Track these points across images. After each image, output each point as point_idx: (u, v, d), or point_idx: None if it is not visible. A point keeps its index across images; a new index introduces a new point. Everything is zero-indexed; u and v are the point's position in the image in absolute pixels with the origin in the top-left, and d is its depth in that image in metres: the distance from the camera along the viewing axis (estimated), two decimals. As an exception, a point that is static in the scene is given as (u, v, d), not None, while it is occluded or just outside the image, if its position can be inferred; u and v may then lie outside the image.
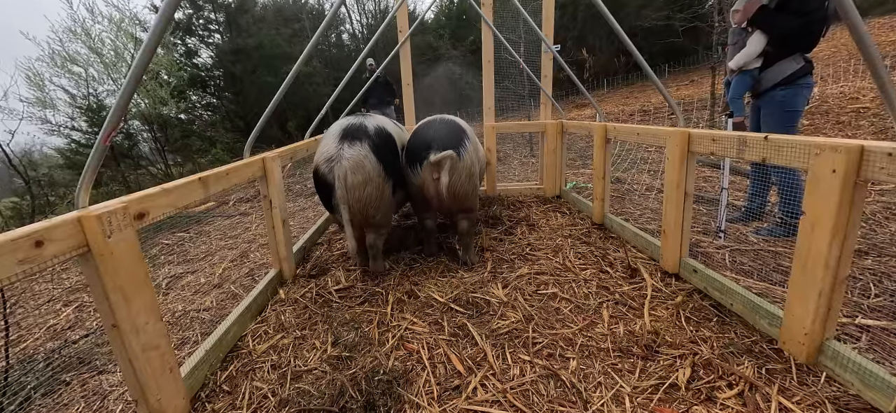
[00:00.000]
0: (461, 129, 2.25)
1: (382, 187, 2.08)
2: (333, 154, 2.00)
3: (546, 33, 3.40)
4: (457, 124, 2.27)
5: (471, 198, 2.23)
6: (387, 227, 2.32)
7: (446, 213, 2.37)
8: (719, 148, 1.70)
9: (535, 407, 1.29)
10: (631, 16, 16.82)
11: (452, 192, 2.09)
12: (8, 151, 7.39)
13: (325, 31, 2.05)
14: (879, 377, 1.15)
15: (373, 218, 2.14)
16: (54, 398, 1.59)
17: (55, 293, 2.74)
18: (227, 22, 15.49)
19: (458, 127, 2.25)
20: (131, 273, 1.16)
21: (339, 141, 2.03)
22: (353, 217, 2.04)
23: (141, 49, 1.09)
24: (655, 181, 4.06)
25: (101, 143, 1.10)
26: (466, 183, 2.14)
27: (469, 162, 2.14)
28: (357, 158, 1.99)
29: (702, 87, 11.24)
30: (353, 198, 2.00)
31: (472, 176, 2.17)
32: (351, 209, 2.01)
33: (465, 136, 2.19)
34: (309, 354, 1.64)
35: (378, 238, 2.28)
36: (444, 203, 2.14)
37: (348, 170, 1.96)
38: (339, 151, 1.99)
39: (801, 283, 1.31)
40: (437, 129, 2.18)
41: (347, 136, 2.05)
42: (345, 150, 1.99)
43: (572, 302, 1.88)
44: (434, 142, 2.08)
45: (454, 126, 2.24)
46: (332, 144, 2.04)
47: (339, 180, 1.95)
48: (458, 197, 2.15)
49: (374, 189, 2.05)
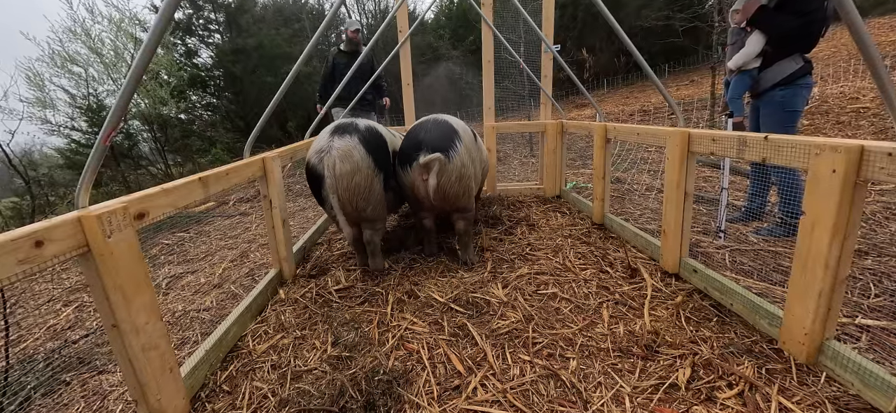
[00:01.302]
0: (453, 130, 2.21)
1: (371, 178, 2.11)
2: (324, 146, 2.05)
3: (546, 33, 3.40)
4: (449, 125, 2.24)
5: (462, 198, 2.22)
6: (381, 222, 2.33)
7: (438, 213, 2.40)
8: (719, 148, 1.70)
9: (535, 407, 1.29)
10: (631, 16, 16.82)
11: (441, 193, 2.11)
12: (8, 151, 7.39)
13: (325, 31, 2.05)
14: (879, 377, 1.15)
15: (364, 210, 2.16)
16: (54, 398, 1.59)
17: (55, 293, 2.74)
18: (227, 22, 15.50)
19: (449, 128, 2.21)
20: (131, 273, 1.16)
21: (330, 135, 2.10)
22: (343, 207, 2.08)
23: (141, 49, 1.09)
24: (655, 181, 4.06)
25: (101, 143, 1.10)
26: (456, 184, 2.13)
27: (459, 163, 2.12)
28: (346, 148, 2.04)
29: (702, 87, 11.24)
30: (342, 187, 2.04)
31: (462, 178, 2.15)
32: (340, 199, 2.05)
33: (455, 138, 2.16)
34: (309, 354, 1.64)
35: (374, 234, 2.29)
36: (433, 203, 2.18)
37: (337, 159, 2.01)
38: (329, 143, 2.05)
39: (801, 283, 1.31)
40: (429, 130, 2.17)
41: (338, 130, 2.12)
42: (335, 142, 2.05)
43: (572, 302, 1.88)
44: (424, 143, 2.08)
45: (446, 127, 2.21)
46: (324, 139, 2.10)
47: (328, 169, 2.00)
48: (447, 198, 2.16)
49: (363, 179, 2.08)
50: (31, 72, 8.52)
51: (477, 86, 7.50)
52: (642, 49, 4.67)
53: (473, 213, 2.42)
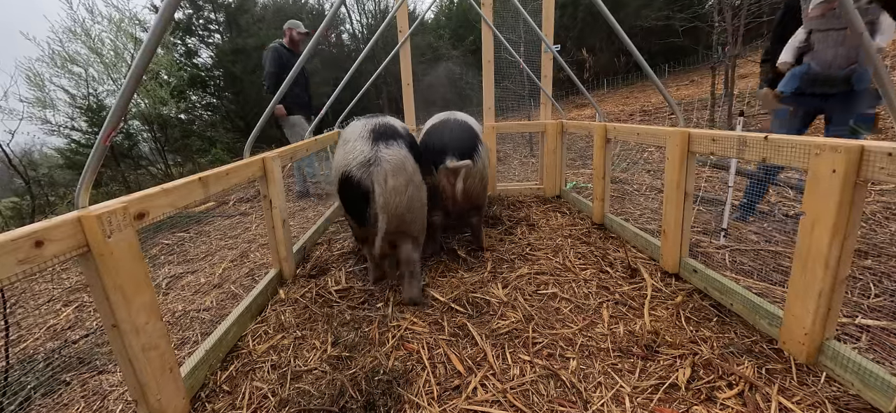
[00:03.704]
0: (475, 133, 2.36)
1: (421, 189, 1.94)
2: (369, 156, 1.79)
3: (546, 33, 3.40)
4: (471, 128, 2.39)
5: (482, 197, 2.40)
6: (423, 235, 2.08)
7: (459, 212, 2.48)
8: (719, 148, 1.70)
9: (535, 407, 1.29)
10: (631, 16, 16.82)
11: (467, 195, 2.22)
12: (8, 151, 7.38)
13: (325, 31, 2.05)
14: (879, 377, 1.15)
15: (411, 225, 1.92)
16: (54, 398, 1.59)
17: (55, 293, 2.74)
18: (227, 22, 15.48)
19: (472, 131, 2.36)
20: (131, 273, 1.16)
21: (373, 143, 1.83)
22: (389, 226, 1.79)
23: (141, 49, 1.09)
24: (655, 181, 4.06)
25: (101, 143, 1.10)
26: (479, 185, 2.30)
27: (482, 166, 2.28)
28: (397, 159, 1.80)
29: (702, 87, 11.25)
30: (395, 202, 1.78)
31: (483, 178, 2.32)
32: (389, 218, 1.78)
33: (478, 142, 2.32)
34: (309, 354, 1.64)
35: (415, 250, 1.97)
36: (458, 204, 2.27)
37: (389, 173, 1.76)
38: (375, 153, 1.79)
39: (801, 282, 1.31)
40: (454, 131, 2.28)
41: (381, 137, 1.86)
42: (382, 152, 1.80)
43: (572, 302, 1.88)
44: (450, 147, 2.17)
45: (469, 130, 2.34)
46: (366, 147, 1.83)
47: (378, 186, 1.73)
48: (471, 198, 2.30)
49: (415, 190, 1.88)
50: (31, 72, 8.52)
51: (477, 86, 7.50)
52: (642, 49, 4.68)
53: (485, 206, 2.60)
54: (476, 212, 2.47)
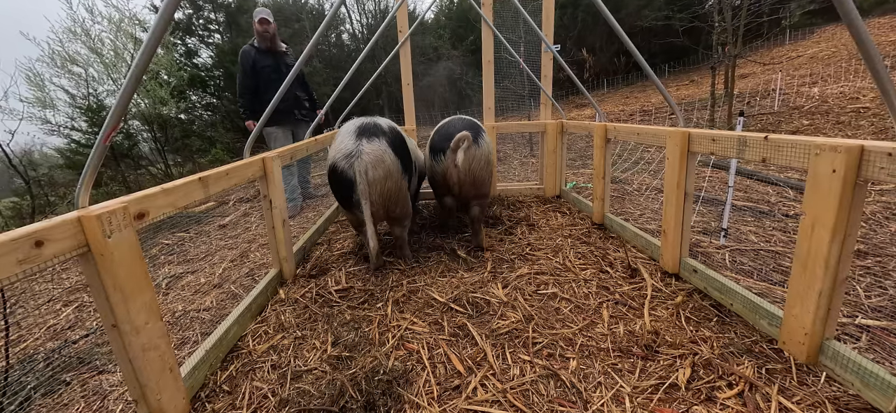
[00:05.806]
0: (478, 124, 2.62)
1: (400, 181, 2.18)
2: (352, 150, 2.06)
3: (546, 33, 3.40)
4: (474, 121, 2.64)
5: (487, 184, 2.51)
6: (408, 218, 2.42)
7: (464, 198, 2.57)
8: (719, 148, 1.70)
9: (535, 407, 1.29)
10: (631, 16, 16.83)
11: (472, 176, 2.38)
12: (8, 151, 7.38)
13: (325, 31, 2.05)
14: (879, 377, 1.15)
15: (393, 211, 2.25)
16: (54, 398, 1.59)
17: (55, 293, 2.74)
18: (227, 22, 15.50)
19: (475, 123, 2.61)
20: (131, 273, 1.16)
21: (357, 138, 2.10)
22: (374, 211, 2.10)
23: (141, 49, 1.09)
24: (655, 181, 4.06)
25: (101, 143, 1.10)
26: (484, 169, 2.42)
27: (486, 150, 2.43)
28: (377, 153, 2.07)
29: (702, 87, 11.25)
30: (375, 192, 2.07)
31: (488, 163, 2.45)
32: (373, 203, 2.07)
33: (482, 130, 2.52)
34: (309, 354, 1.64)
35: (402, 230, 2.41)
36: (464, 184, 2.40)
37: (369, 165, 2.03)
38: (357, 147, 2.06)
39: (801, 283, 1.31)
40: (458, 124, 2.53)
41: (365, 133, 2.13)
42: (364, 146, 2.07)
43: (572, 302, 1.88)
44: (454, 133, 2.37)
45: (472, 122, 2.59)
46: (349, 141, 2.10)
47: (359, 175, 2.01)
48: (476, 180, 2.42)
49: (394, 183, 2.14)
50: (31, 72, 8.52)
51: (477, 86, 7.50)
52: (642, 49, 4.67)
53: (488, 199, 2.72)
54: (479, 201, 2.54)
